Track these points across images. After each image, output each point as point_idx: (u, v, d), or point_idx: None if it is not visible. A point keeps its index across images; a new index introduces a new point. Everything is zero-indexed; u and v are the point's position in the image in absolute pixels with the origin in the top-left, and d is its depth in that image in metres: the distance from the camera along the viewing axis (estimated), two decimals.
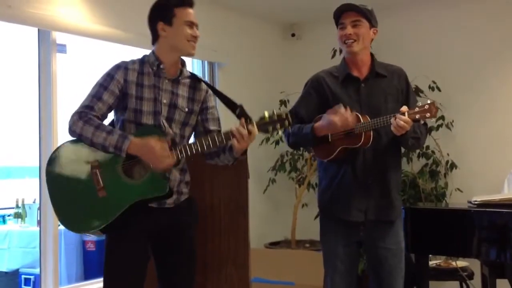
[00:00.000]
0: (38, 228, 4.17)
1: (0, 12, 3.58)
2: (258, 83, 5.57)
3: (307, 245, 5.24)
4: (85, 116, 2.35)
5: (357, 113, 2.60)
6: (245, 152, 2.47)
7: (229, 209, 3.15)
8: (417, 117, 2.49)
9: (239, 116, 2.43)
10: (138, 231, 2.40)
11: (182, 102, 2.49)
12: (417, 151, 5.00)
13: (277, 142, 5.24)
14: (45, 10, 3.83)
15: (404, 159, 5.02)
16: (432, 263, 4.22)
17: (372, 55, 2.79)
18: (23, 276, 5.32)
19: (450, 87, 5.00)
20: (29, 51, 4.18)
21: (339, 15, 2.71)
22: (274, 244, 5.28)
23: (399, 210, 2.77)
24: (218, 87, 5.13)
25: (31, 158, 4.36)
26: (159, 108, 2.43)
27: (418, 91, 4.94)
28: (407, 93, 2.75)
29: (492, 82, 4.96)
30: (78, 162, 2.38)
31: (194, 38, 2.45)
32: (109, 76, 2.42)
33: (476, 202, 3.45)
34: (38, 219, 4.45)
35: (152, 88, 2.44)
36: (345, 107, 2.54)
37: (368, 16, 2.71)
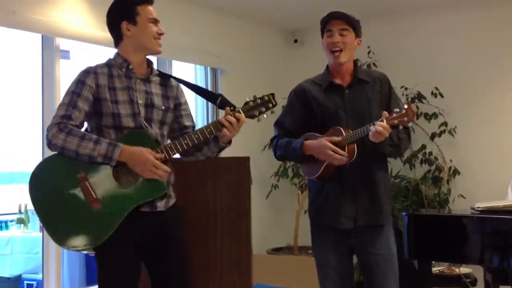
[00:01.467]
0: (41, 234, 4.18)
1: (4, 18, 3.60)
2: (260, 89, 5.49)
3: (310, 251, 5.22)
4: (65, 128, 2.24)
5: (340, 127, 2.60)
6: (229, 142, 2.44)
7: (231, 214, 3.15)
8: (395, 122, 2.45)
9: (221, 106, 2.42)
10: (129, 238, 2.30)
11: (157, 101, 2.43)
12: (420, 157, 4.99)
13: None
14: (49, 16, 3.85)
15: (407, 165, 5.02)
16: (435, 269, 4.21)
17: (355, 62, 2.79)
18: (25, 282, 5.32)
19: (452, 93, 5.00)
20: (32, 57, 4.20)
21: (327, 22, 2.71)
22: (276, 250, 5.27)
23: (389, 214, 2.75)
24: (220, 92, 5.14)
25: (34, 163, 4.37)
26: (137, 109, 2.36)
27: (420, 97, 4.95)
28: (389, 98, 2.74)
29: (495, 88, 4.96)
30: (63, 177, 2.27)
31: (160, 35, 2.41)
32: (80, 83, 2.32)
33: (479, 209, 3.44)
34: (41, 224, 4.45)
35: (126, 90, 2.36)
36: (331, 119, 2.60)
37: (355, 25, 2.71)
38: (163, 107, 2.44)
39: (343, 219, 2.66)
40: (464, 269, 4.24)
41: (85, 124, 2.40)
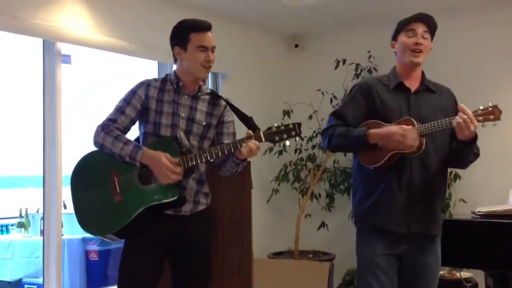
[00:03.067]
0: (42, 238, 4.18)
1: (6, 23, 3.62)
2: (261, 94, 5.58)
3: (310, 255, 5.23)
4: (107, 128, 2.52)
5: (411, 118, 2.54)
6: (245, 159, 2.51)
7: (232, 219, 3.16)
8: (480, 119, 2.41)
9: (248, 126, 2.53)
10: (153, 239, 2.50)
11: (200, 116, 2.60)
12: None
13: (280, 152, 5.24)
14: (50, 21, 3.86)
15: None
16: None
17: (422, 71, 2.76)
18: (26, 286, 5.33)
19: None
20: (34, 61, 4.21)
21: (410, 22, 2.69)
22: (277, 254, 5.26)
23: (441, 225, 2.70)
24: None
25: (35, 167, 4.38)
26: (177, 121, 2.56)
27: None
28: (456, 112, 2.62)
29: (495, 92, 4.95)
30: (101, 169, 2.54)
31: (208, 62, 2.57)
32: (132, 92, 2.59)
33: (480, 213, 3.44)
34: (42, 228, 4.46)
35: (171, 104, 2.58)
36: (394, 119, 2.53)
37: (434, 32, 2.70)
38: (204, 123, 2.61)
39: (395, 222, 2.58)
40: (465, 274, 4.23)
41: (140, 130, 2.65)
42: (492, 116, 2.43)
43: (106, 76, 5.63)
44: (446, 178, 2.79)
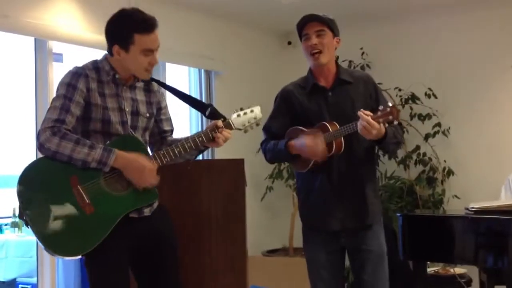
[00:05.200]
0: (35, 238, 4.15)
1: None
2: (254, 91, 5.56)
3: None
4: (59, 131, 2.20)
5: (325, 122, 2.63)
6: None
7: (226, 217, 3.15)
8: (380, 120, 2.48)
9: (210, 116, 2.44)
10: (120, 245, 2.30)
11: (143, 108, 2.44)
12: (414, 158, 5.00)
13: None
14: (42, 19, 3.84)
15: (401, 166, 5.03)
16: (430, 270, 4.21)
17: (337, 63, 2.80)
18: (20, 286, 5.30)
19: (446, 94, 5.02)
20: (25, 60, 4.19)
21: (302, 26, 2.74)
22: (271, 252, 5.26)
23: (378, 214, 2.77)
24: (214, 95, 5.14)
25: None
26: (125, 117, 2.37)
27: (414, 98, 4.96)
28: (376, 98, 2.74)
29: (488, 89, 4.97)
30: (56, 179, 2.24)
31: (151, 65, 2.34)
32: (72, 87, 2.27)
33: (473, 209, 3.45)
34: (28, 228, 4.42)
35: (114, 97, 2.35)
36: (316, 121, 2.63)
37: (331, 25, 2.72)
38: (147, 114, 2.46)
39: (332, 221, 2.68)
40: (459, 270, 4.24)
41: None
42: (391, 117, 2.48)
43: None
44: (374, 165, 2.89)
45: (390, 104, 2.51)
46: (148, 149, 2.49)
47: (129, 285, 2.38)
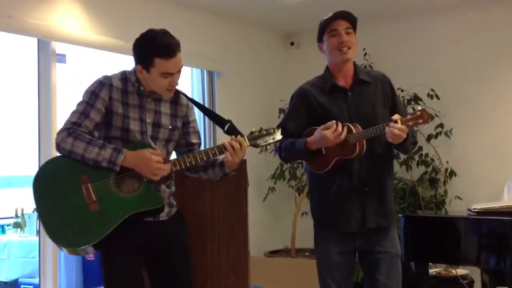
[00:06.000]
0: (38, 238, 4.17)
1: (0, 22, 3.60)
2: (257, 92, 5.58)
3: (307, 253, 5.23)
4: (74, 132, 2.35)
5: (348, 124, 2.60)
6: (236, 169, 2.51)
7: (228, 217, 3.15)
8: (410, 124, 2.48)
9: (228, 132, 2.48)
10: (134, 246, 2.41)
11: (165, 120, 2.51)
12: (416, 158, 5.01)
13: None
14: (45, 20, 3.85)
15: (403, 167, 5.03)
16: (432, 271, 4.22)
17: (354, 63, 2.79)
18: (22, 286, 5.31)
19: (448, 95, 5.02)
20: (29, 61, 4.20)
21: (330, 22, 2.70)
22: (274, 253, 5.27)
23: (395, 215, 2.78)
24: (217, 96, 5.14)
25: (31, 167, 4.36)
26: (145, 127, 2.45)
27: (417, 99, 4.96)
28: (393, 99, 2.75)
29: (491, 90, 4.97)
30: (69, 176, 2.36)
31: (172, 86, 2.42)
32: (94, 94, 2.41)
33: (475, 210, 3.45)
34: (38, 228, 4.45)
35: (137, 108, 2.45)
36: (336, 120, 2.56)
37: (356, 25, 2.71)
38: (170, 127, 2.52)
39: (353, 221, 2.66)
40: (461, 271, 4.24)
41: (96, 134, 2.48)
42: (421, 120, 2.48)
43: (101, 75, 5.61)
44: (393, 166, 2.87)
45: (420, 107, 2.49)
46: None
47: (142, 282, 2.45)
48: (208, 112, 2.63)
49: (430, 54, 5.21)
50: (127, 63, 4.83)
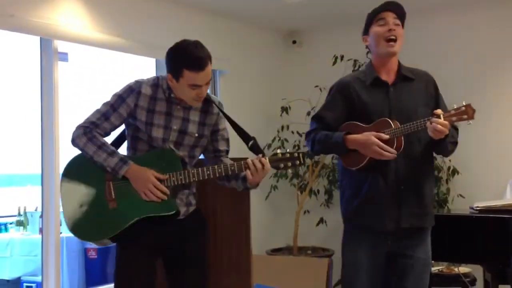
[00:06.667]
0: (40, 236, 4.18)
1: (2, 21, 3.61)
2: (259, 90, 5.58)
3: (309, 251, 5.23)
4: (90, 133, 2.42)
5: (387, 118, 2.51)
6: (257, 184, 2.53)
7: (231, 215, 3.15)
8: (453, 119, 2.40)
9: (252, 149, 2.50)
10: (150, 242, 2.47)
11: (192, 128, 2.53)
12: None
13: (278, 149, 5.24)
14: (47, 19, 3.85)
15: None
16: (435, 269, 4.21)
17: (398, 60, 2.71)
18: (25, 284, 5.32)
19: (451, 93, 4.95)
20: (31, 59, 4.21)
21: (379, 12, 2.63)
22: (276, 251, 5.27)
23: (433, 217, 2.65)
24: (219, 94, 5.14)
25: (33, 165, 4.38)
26: (168, 134, 2.48)
27: None
28: (436, 99, 2.66)
29: (493, 88, 4.96)
30: (96, 171, 2.44)
31: (199, 97, 2.45)
32: (121, 99, 2.46)
33: (478, 208, 3.45)
34: (40, 227, 4.46)
35: (163, 115, 2.48)
36: (390, 138, 2.47)
37: (404, 20, 2.65)
38: (197, 134, 2.54)
39: (387, 220, 2.54)
40: (463, 269, 4.24)
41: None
42: (466, 116, 2.41)
43: (103, 74, 5.63)
44: (433, 165, 2.77)
45: (465, 103, 2.40)
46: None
47: (153, 279, 2.50)
48: (234, 125, 2.62)
49: (432, 53, 5.20)
50: (129, 61, 4.85)
